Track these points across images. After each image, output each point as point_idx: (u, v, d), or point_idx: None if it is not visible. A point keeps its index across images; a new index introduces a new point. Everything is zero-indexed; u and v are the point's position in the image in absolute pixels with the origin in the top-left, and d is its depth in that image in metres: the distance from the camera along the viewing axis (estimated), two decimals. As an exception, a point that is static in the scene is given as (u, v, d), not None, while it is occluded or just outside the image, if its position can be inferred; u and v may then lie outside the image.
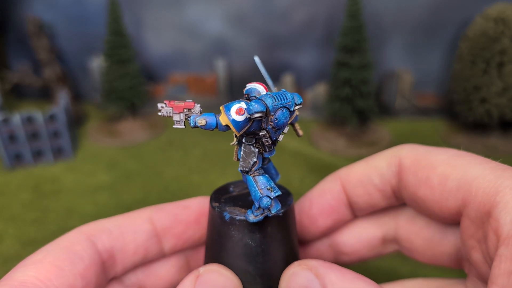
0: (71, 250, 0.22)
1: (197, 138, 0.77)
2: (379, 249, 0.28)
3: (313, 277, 0.21)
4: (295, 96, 0.21)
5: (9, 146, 0.67)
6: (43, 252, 0.21)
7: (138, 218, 0.26)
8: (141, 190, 0.62)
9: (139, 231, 0.25)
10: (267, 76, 0.25)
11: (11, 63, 0.92)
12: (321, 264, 0.21)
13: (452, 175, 0.22)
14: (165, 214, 0.26)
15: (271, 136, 0.21)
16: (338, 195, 0.27)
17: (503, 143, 0.70)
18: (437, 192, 0.22)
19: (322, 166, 0.66)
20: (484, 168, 0.21)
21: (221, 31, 0.84)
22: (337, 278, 0.20)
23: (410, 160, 0.24)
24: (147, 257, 0.26)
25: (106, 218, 0.25)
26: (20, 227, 0.54)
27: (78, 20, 0.87)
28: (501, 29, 0.64)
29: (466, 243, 0.22)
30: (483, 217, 0.20)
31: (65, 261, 0.21)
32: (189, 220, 0.26)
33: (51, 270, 0.20)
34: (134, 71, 0.77)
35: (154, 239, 0.26)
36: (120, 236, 0.24)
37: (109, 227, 0.24)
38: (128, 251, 0.25)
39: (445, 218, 0.23)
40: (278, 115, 0.20)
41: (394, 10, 0.78)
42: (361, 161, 0.27)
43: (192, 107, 0.21)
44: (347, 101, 0.71)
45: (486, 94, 0.67)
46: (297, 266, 0.22)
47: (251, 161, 0.21)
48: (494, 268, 0.18)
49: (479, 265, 0.21)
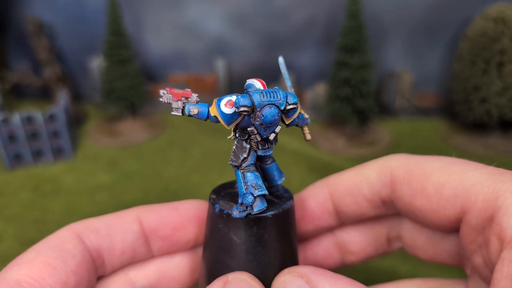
0: (62, 248, 0.22)
1: (197, 138, 0.77)
2: (385, 247, 0.28)
3: (304, 284, 0.20)
4: (289, 95, 0.20)
5: (9, 146, 0.67)
6: (34, 251, 0.21)
7: (126, 218, 0.25)
8: (141, 190, 0.62)
9: (127, 231, 0.25)
10: (287, 77, 0.25)
11: (11, 63, 0.92)
12: (313, 271, 0.21)
13: (448, 183, 0.21)
14: (153, 215, 0.26)
15: (260, 133, 0.21)
16: (323, 202, 0.27)
17: (503, 143, 0.70)
18: (434, 201, 0.22)
19: (322, 166, 0.66)
20: (481, 174, 0.21)
21: (221, 31, 0.84)
22: (330, 285, 0.20)
23: (403, 171, 0.24)
24: (135, 257, 0.26)
25: (95, 217, 0.25)
26: (20, 227, 0.54)
27: (78, 20, 0.87)
28: (501, 29, 0.64)
29: (467, 248, 0.22)
30: (485, 223, 0.20)
31: (57, 259, 0.21)
32: (176, 224, 0.26)
33: (44, 269, 0.20)
34: (134, 71, 0.77)
35: (141, 239, 0.25)
36: (107, 236, 0.24)
37: (97, 226, 0.24)
38: (115, 250, 0.25)
39: (443, 226, 0.23)
40: (265, 111, 0.20)
41: (394, 10, 0.78)
42: (351, 169, 0.27)
43: (189, 96, 0.21)
44: (347, 101, 0.71)
45: (486, 94, 0.67)
46: (288, 274, 0.21)
47: (241, 156, 0.21)
48: (497, 271, 0.18)
49: (481, 269, 0.21)
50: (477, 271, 0.22)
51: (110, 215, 0.26)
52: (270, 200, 0.23)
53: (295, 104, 0.20)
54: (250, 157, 0.22)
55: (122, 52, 0.76)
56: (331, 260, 0.29)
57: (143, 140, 0.77)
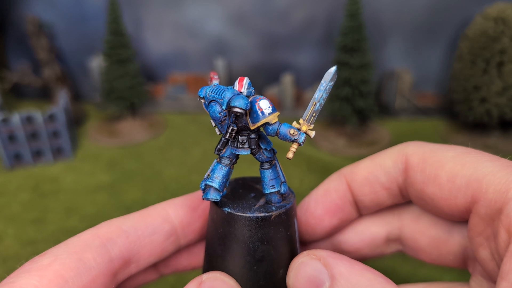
0: (80, 258, 0.21)
1: (197, 138, 0.77)
2: (382, 248, 0.28)
3: (321, 267, 0.21)
4: (237, 98, 0.20)
5: (8, 146, 0.67)
6: (51, 257, 0.20)
7: (156, 217, 0.25)
8: (140, 190, 0.62)
9: (157, 233, 0.24)
10: (322, 89, 0.23)
11: (11, 62, 0.92)
12: (330, 254, 0.21)
13: (461, 172, 0.21)
14: (184, 210, 0.26)
15: (218, 128, 0.22)
16: (344, 193, 0.27)
17: (503, 142, 0.70)
18: (446, 190, 0.22)
19: (322, 166, 0.66)
20: (494, 165, 0.21)
21: (221, 31, 0.84)
22: (346, 269, 0.20)
23: (417, 158, 0.24)
24: (162, 256, 0.25)
25: (123, 217, 0.24)
26: (20, 227, 0.54)
27: (78, 20, 0.87)
28: (501, 29, 0.64)
29: (474, 240, 0.22)
30: (494, 214, 0.20)
31: (71, 272, 0.20)
32: (207, 214, 0.26)
33: (55, 281, 0.19)
34: (133, 70, 0.77)
35: (172, 238, 0.25)
36: (137, 240, 0.24)
37: (126, 229, 0.23)
38: (144, 254, 0.24)
39: (453, 215, 0.23)
40: (209, 107, 0.21)
41: (394, 10, 0.78)
42: (366, 159, 0.27)
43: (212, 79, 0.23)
44: (347, 100, 0.71)
45: (486, 94, 0.67)
46: (306, 256, 0.22)
47: (218, 145, 0.22)
48: (505, 264, 0.18)
49: (486, 263, 0.21)
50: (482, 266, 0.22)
51: (139, 214, 0.25)
52: (264, 205, 0.23)
53: (238, 108, 0.20)
54: (225, 150, 0.23)
55: (122, 52, 0.76)
56: None
57: (143, 140, 0.77)
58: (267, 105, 0.21)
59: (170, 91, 0.88)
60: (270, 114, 0.21)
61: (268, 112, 0.21)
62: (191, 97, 0.88)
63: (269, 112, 0.21)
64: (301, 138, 0.22)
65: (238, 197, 0.24)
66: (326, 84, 0.23)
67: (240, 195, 0.24)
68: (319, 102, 0.23)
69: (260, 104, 0.21)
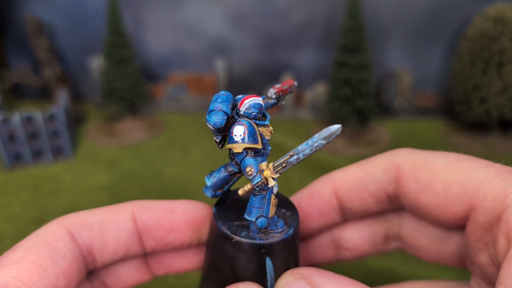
0: (52, 247, 0.21)
1: (197, 138, 0.77)
2: (382, 245, 0.28)
3: (307, 286, 0.20)
4: (212, 114, 0.20)
5: (8, 146, 0.67)
6: (23, 249, 0.21)
7: (121, 214, 0.25)
8: (140, 190, 0.62)
9: (120, 229, 0.24)
10: (316, 139, 0.21)
11: (11, 62, 0.92)
12: (315, 272, 0.21)
13: (456, 179, 0.21)
14: (148, 214, 0.25)
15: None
16: (328, 199, 0.27)
17: (502, 142, 0.70)
18: (441, 198, 0.22)
19: (322, 166, 0.66)
20: (489, 172, 0.20)
21: (221, 31, 0.84)
22: (332, 286, 0.20)
23: (409, 166, 0.24)
24: (128, 254, 0.25)
25: (90, 210, 0.24)
26: (20, 227, 0.54)
27: (78, 20, 0.87)
28: (500, 29, 0.64)
29: (472, 246, 0.22)
30: (492, 221, 0.20)
31: (47, 260, 0.20)
32: (171, 226, 0.25)
33: (33, 271, 0.19)
34: (133, 70, 0.77)
35: (135, 238, 0.25)
36: (100, 233, 0.24)
37: (90, 222, 0.24)
38: (108, 249, 0.24)
39: (449, 223, 0.23)
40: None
41: (394, 10, 0.78)
42: (355, 165, 0.26)
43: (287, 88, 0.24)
44: (346, 101, 0.71)
45: (485, 94, 0.67)
46: (290, 276, 0.21)
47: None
48: (503, 269, 0.18)
49: (486, 267, 0.21)
50: (481, 270, 0.22)
51: (104, 209, 0.25)
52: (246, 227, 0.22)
53: (208, 124, 0.20)
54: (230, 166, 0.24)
55: (122, 52, 0.76)
56: (323, 255, 0.29)
57: (143, 140, 0.77)
58: (240, 132, 0.20)
59: (170, 91, 0.89)
60: (236, 143, 0.20)
61: (235, 140, 0.20)
62: (191, 97, 0.88)
63: (236, 140, 0.20)
64: (255, 180, 0.20)
65: (235, 209, 0.24)
66: (316, 140, 0.21)
67: (238, 207, 0.24)
68: (296, 155, 0.21)
69: (234, 129, 0.20)
